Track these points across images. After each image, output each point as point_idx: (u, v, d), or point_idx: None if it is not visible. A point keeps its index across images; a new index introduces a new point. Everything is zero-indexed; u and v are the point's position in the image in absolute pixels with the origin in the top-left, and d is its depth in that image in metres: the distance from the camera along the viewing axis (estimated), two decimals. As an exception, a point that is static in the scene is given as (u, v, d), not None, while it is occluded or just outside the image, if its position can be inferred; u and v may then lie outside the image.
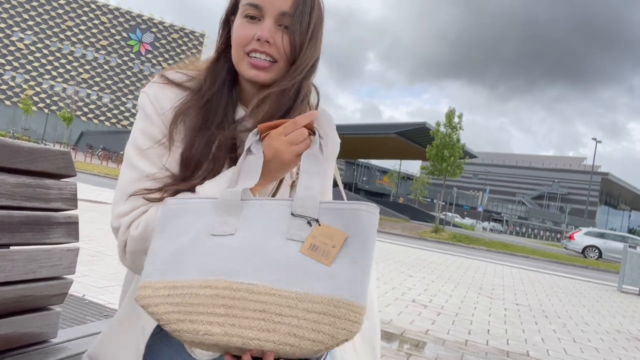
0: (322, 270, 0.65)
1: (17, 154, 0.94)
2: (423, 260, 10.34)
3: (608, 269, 19.51)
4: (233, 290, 0.65)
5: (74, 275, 1.09)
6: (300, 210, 0.70)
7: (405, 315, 4.48)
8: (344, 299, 0.63)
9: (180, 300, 0.67)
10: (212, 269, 0.68)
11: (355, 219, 0.68)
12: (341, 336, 0.62)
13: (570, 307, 6.80)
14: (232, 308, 0.64)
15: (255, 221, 0.71)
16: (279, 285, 0.65)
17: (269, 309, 0.63)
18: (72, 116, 53.01)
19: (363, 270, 0.66)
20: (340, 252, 0.66)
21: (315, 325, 0.62)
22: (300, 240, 0.68)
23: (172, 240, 0.72)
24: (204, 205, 0.75)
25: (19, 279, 0.94)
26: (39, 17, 79.07)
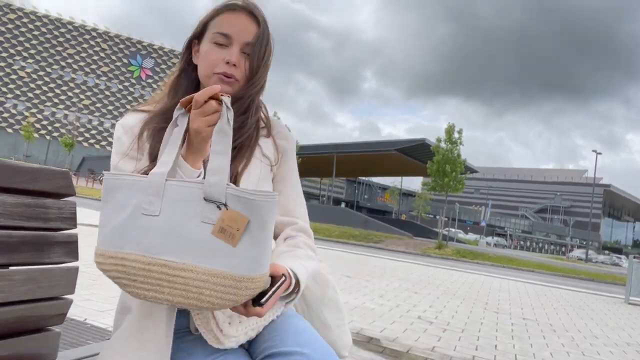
0: (229, 250, 0.79)
1: (16, 174, 0.94)
2: (427, 276, 10.26)
3: (614, 281, 19.32)
4: (159, 265, 0.81)
5: (75, 299, 1.08)
6: (210, 195, 0.81)
7: (410, 333, 4.42)
8: (244, 275, 0.79)
9: (124, 269, 0.83)
10: (144, 245, 0.82)
11: (254, 206, 0.80)
12: (243, 299, 0.80)
13: (578, 320, 6.71)
14: (161, 280, 0.81)
15: (175, 203, 0.83)
16: (195, 262, 0.79)
17: (189, 282, 0.79)
18: (73, 142, 53.37)
19: (261, 248, 0.80)
20: (243, 235, 0.80)
21: (222, 295, 0.79)
22: (211, 223, 0.80)
23: (116, 214, 0.86)
24: (136, 184, 0.86)
25: (18, 300, 0.93)
26: (40, 45, 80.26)
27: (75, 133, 72.77)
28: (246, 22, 1.07)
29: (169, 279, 0.80)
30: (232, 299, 0.79)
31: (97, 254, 0.86)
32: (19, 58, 78.74)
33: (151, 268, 0.81)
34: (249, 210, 0.80)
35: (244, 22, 1.07)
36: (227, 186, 0.81)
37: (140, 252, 0.82)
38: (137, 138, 1.05)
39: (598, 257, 58.80)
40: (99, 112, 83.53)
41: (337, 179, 66.79)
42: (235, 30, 1.05)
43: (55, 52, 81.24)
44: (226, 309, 0.82)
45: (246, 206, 0.80)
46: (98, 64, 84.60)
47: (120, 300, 1.06)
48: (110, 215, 0.86)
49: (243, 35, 1.06)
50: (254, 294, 0.81)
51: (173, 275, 0.79)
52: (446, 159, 25.19)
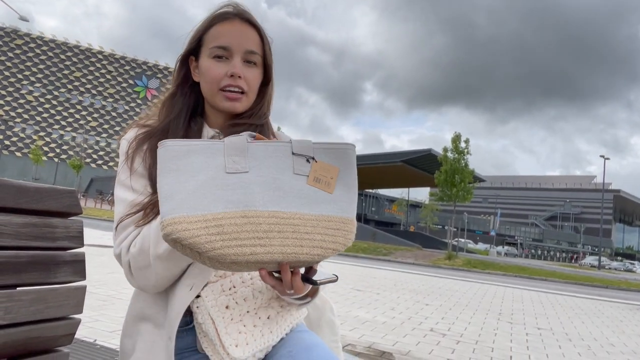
0: (328, 197, 0.82)
1: (23, 194, 0.94)
2: (438, 287, 10.15)
3: (629, 287, 19.02)
4: (267, 217, 0.78)
5: (85, 319, 1.07)
6: (299, 150, 0.83)
7: (423, 345, 4.35)
8: (347, 217, 0.82)
9: (221, 230, 0.76)
10: (240, 201, 0.78)
11: (341, 155, 0.84)
12: (348, 242, 0.82)
13: (594, 329, 6.59)
14: (270, 232, 0.78)
15: (264, 160, 0.82)
16: (301, 210, 0.80)
17: (298, 229, 0.79)
18: (81, 164, 53.79)
19: (353, 193, 0.84)
20: (337, 182, 0.83)
21: (333, 238, 0.80)
22: (304, 174, 0.82)
23: (188, 178, 0.78)
24: (212, 147, 0.81)
25: (26, 320, 0.92)
26: (47, 69, 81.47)
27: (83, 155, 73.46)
28: (243, 29, 1.03)
29: (280, 229, 0.78)
30: (342, 242, 0.80)
31: (175, 222, 0.74)
32: (27, 82, 79.91)
33: (258, 221, 0.77)
34: (337, 159, 0.84)
35: (240, 31, 1.03)
36: (313, 142, 0.84)
37: (240, 207, 0.77)
38: (133, 149, 1.03)
39: (611, 264, 58.07)
40: (106, 133, 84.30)
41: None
42: (233, 41, 1.02)
43: (62, 75, 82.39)
44: (336, 253, 0.82)
45: (334, 156, 0.84)
46: (104, 85, 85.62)
47: (133, 307, 1.04)
48: (180, 180, 0.77)
49: (242, 44, 1.02)
50: (352, 238, 0.83)
51: (283, 224, 0.78)
52: (454, 169, 25.10)
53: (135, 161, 1.02)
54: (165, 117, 1.06)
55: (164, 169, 0.77)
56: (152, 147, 1.02)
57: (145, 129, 1.07)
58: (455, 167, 25.18)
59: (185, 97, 1.08)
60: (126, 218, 0.98)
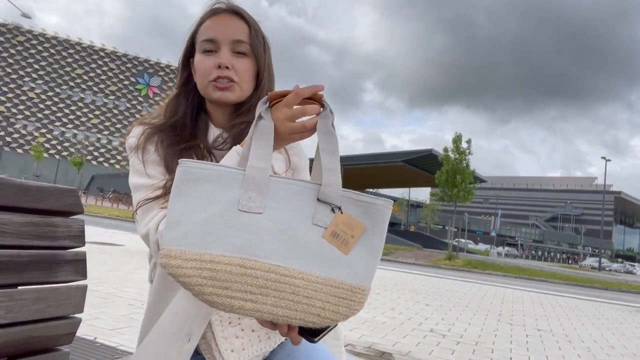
0: (341, 258, 0.72)
1: (24, 193, 0.94)
2: (439, 288, 10.15)
3: (629, 289, 19.00)
4: (266, 272, 0.70)
5: (85, 317, 1.07)
6: (325, 197, 0.73)
7: (423, 346, 4.35)
8: (360, 286, 0.72)
9: (214, 275, 0.70)
10: (244, 246, 0.71)
11: (372, 212, 0.73)
12: (352, 315, 0.72)
13: (594, 331, 6.59)
14: (266, 289, 0.69)
15: (283, 202, 0.73)
16: (305, 269, 0.70)
17: (299, 291, 0.70)
18: (82, 161, 53.87)
19: (376, 258, 0.74)
20: (358, 242, 0.72)
21: (335, 307, 0.70)
22: (323, 226, 0.72)
23: (198, 208, 0.72)
24: (229, 176, 0.74)
25: (27, 320, 0.92)
26: (49, 66, 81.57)
27: (84, 152, 73.51)
28: (230, 21, 1.02)
29: (276, 287, 0.69)
30: (345, 313, 0.71)
31: (171, 255, 0.71)
32: (29, 79, 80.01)
33: (255, 274, 0.69)
34: (367, 216, 0.73)
35: (227, 22, 1.02)
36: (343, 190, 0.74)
37: (241, 254, 0.70)
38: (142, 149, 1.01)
39: (611, 265, 58.05)
40: (107, 130, 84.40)
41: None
42: (219, 32, 1.00)
43: (64, 72, 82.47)
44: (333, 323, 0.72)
45: (365, 211, 0.73)
46: (106, 83, 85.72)
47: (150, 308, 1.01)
48: (190, 209, 0.72)
49: (229, 34, 1.00)
50: (359, 309, 0.73)
51: (281, 282, 0.69)
52: (455, 169, 25.07)
53: (147, 151, 1.01)
54: (170, 117, 1.05)
55: (177, 191, 0.73)
56: (162, 139, 1.01)
57: (150, 126, 1.06)
58: (457, 167, 25.15)
59: (189, 98, 1.07)
60: (147, 202, 0.94)
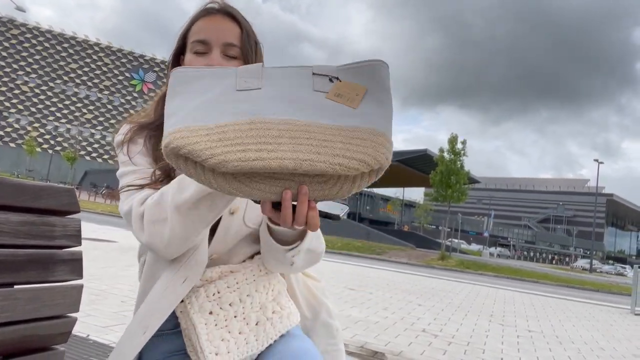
0: (352, 111, 0.68)
1: (21, 192, 0.94)
2: (431, 288, 10.19)
3: (620, 291, 19.16)
4: (276, 124, 0.66)
5: (78, 314, 1.07)
6: (321, 69, 0.71)
7: (415, 346, 4.38)
8: (380, 129, 0.66)
9: (223, 136, 0.66)
10: (249, 110, 0.68)
11: (369, 72, 0.70)
12: (381, 159, 0.65)
13: (584, 332, 6.65)
14: (280, 137, 0.65)
15: (279, 79, 0.71)
16: (317, 120, 0.67)
17: (315, 136, 0.65)
18: (76, 156, 53.53)
19: (387, 109, 0.69)
20: (364, 98, 0.69)
21: (360, 148, 0.64)
22: (325, 91, 0.70)
23: (195, 97, 0.71)
24: (223, 72, 0.73)
25: (23, 319, 0.92)
26: (43, 60, 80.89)
27: (78, 147, 73.04)
28: (223, 23, 1.01)
29: (292, 135, 0.65)
30: (372, 154, 0.64)
31: (176, 132, 0.67)
32: (22, 73, 79.33)
33: (267, 127, 0.66)
34: (365, 77, 0.70)
35: (220, 24, 1.01)
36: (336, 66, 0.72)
37: (247, 116, 0.67)
38: (129, 142, 1.03)
39: (602, 267, 58.48)
40: (101, 125, 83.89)
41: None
42: (212, 34, 1.00)
43: (58, 66, 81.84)
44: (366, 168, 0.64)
45: (361, 74, 0.70)
46: (100, 78, 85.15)
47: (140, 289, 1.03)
48: (187, 100, 0.71)
49: (221, 37, 1.00)
50: (387, 158, 0.66)
51: (295, 130, 0.66)
52: (450, 170, 25.15)
53: (134, 144, 1.02)
54: (160, 116, 1.05)
55: (172, 93, 0.72)
56: (150, 135, 1.02)
57: (138, 124, 1.07)
58: (451, 168, 25.23)
59: None
60: (131, 188, 0.95)
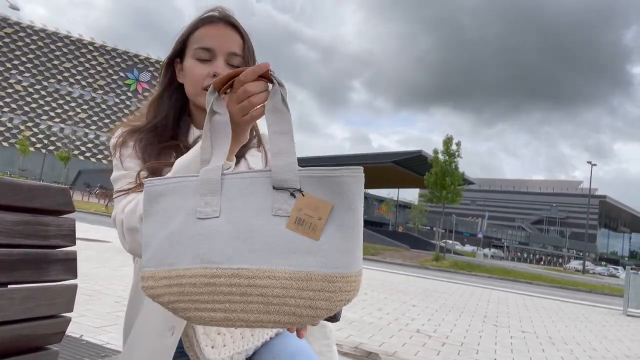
0: (311, 245, 0.64)
1: (16, 191, 0.94)
2: (425, 289, 10.22)
3: (612, 292, 19.29)
4: (229, 277, 0.65)
5: (71, 314, 1.07)
6: (280, 182, 0.66)
7: (409, 347, 4.39)
8: (337, 273, 0.62)
9: (182, 290, 0.68)
10: (205, 255, 0.67)
11: (337, 185, 0.65)
12: (338, 306, 0.63)
13: (577, 333, 6.69)
14: (231, 295, 0.65)
15: (238, 199, 0.69)
16: (271, 266, 0.64)
17: (267, 292, 0.63)
18: (69, 155, 53.26)
19: (353, 237, 0.64)
20: (328, 222, 0.64)
21: (312, 303, 0.62)
22: (285, 215, 0.65)
23: (162, 226, 0.72)
24: (186, 185, 0.73)
25: (16, 319, 0.92)
26: (37, 59, 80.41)
27: (71, 146, 72.65)
28: (227, 32, 1.03)
29: (242, 292, 0.64)
30: (324, 307, 0.63)
31: (146, 277, 0.72)
32: (16, 72, 78.84)
33: (217, 281, 0.66)
34: (332, 192, 0.65)
35: (224, 33, 1.03)
36: (299, 169, 0.67)
37: (202, 264, 0.67)
38: (121, 145, 1.04)
39: (595, 269, 58.83)
40: (95, 125, 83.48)
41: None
42: (217, 43, 1.02)
43: (52, 65, 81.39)
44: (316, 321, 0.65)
45: (328, 187, 0.65)
46: (95, 77, 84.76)
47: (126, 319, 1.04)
48: (156, 228, 0.73)
49: (226, 46, 1.02)
50: (349, 299, 0.64)
51: (246, 286, 0.64)
52: (444, 171, 25.22)
53: (126, 147, 1.04)
54: (152, 118, 1.07)
55: (145, 214, 0.76)
56: (141, 138, 1.03)
57: (132, 127, 1.08)
58: (446, 169, 25.31)
59: (171, 99, 1.08)
60: (119, 194, 0.98)
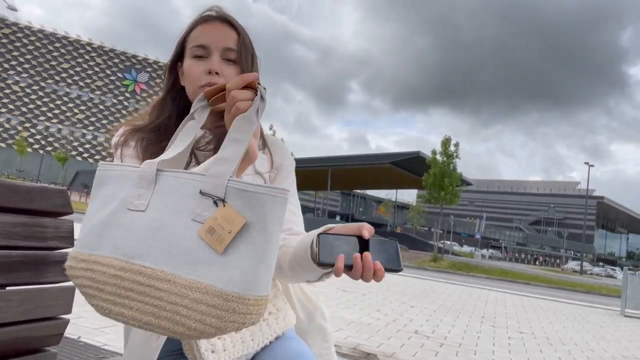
0: (216, 258, 0.64)
1: (14, 193, 0.94)
2: (424, 290, 10.22)
3: (610, 293, 19.33)
4: (132, 272, 0.67)
5: (69, 316, 1.07)
6: (209, 188, 0.67)
7: (408, 347, 4.39)
8: (233, 293, 0.62)
9: (93, 276, 0.70)
10: (123, 247, 0.69)
11: (258, 204, 0.65)
12: (228, 329, 0.62)
13: (575, 334, 6.70)
14: (131, 292, 0.66)
15: (166, 197, 0.70)
16: (174, 271, 0.65)
17: (163, 296, 0.64)
18: (67, 156, 53.15)
19: (260, 260, 0.64)
20: (238, 239, 0.64)
21: (202, 317, 0.62)
22: (202, 222, 0.66)
23: (98, 210, 0.75)
24: (127, 175, 0.75)
25: (15, 320, 0.92)
26: (35, 59, 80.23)
27: (69, 147, 72.50)
28: (222, 29, 1.04)
29: (141, 290, 0.66)
30: (214, 325, 0.62)
31: (70, 257, 0.75)
32: (13, 72, 78.64)
33: (123, 275, 0.67)
34: (250, 208, 0.65)
35: (219, 30, 1.03)
36: (230, 178, 0.67)
37: (116, 254, 0.69)
38: (122, 145, 1.04)
39: (593, 269, 58.94)
40: (92, 126, 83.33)
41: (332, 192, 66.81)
42: (211, 39, 1.02)
43: (50, 66, 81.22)
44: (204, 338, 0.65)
45: (248, 203, 0.65)
46: (92, 78, 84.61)
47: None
48: (93, 212, 0.75)
49: (221, 42, 1.02)
50: (243, 322, 0.63)
51: (146, 285, 0.65)
52: (443, 172, 25.25)
53: (127, 146, 1.04)
54: (156, 119, 1.07)
55: (91, 194, 0.79)
56: (143, 138, 1.03)
57: (132, 127, 1.08)
58: (445, 170, 25.33)
59: (175, 101, 1.08)
60: None
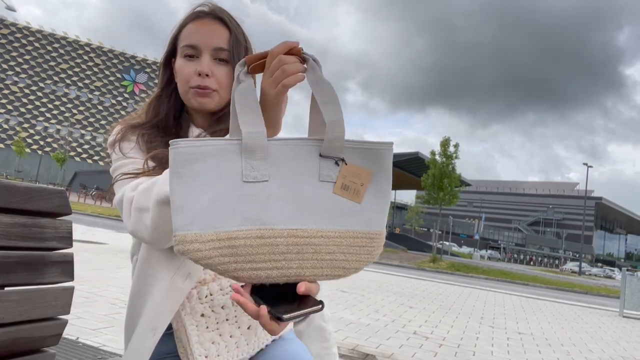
0: (355, 208, 0.73)
1: (13, 193, 0.93)
2: (422, 290, 10.23)
3: (608, 294, 19.35)
4: (285, 237, 0.70)
5: (68, 316, 1.07)
6: (328, 151, 0.72)
7: (407, 348, 4.39)
8: (375, 231, 0.74)
9: (235, 251, 0.69)
10: (257, 217, 0.70)
11: (376, 156, 0.74)
12: (373, 259, 0.75)
13: (573, 334, 6.70)
14: (288, 254, 0.70)
15: (285, 165, 0.72)
16: (323, 227, 0.71)
17: (321, 249, 0.71)
18: (65, 157, 53.07)
19: (386, 202, 0.76)
20: (368, 188, 0.74)
21: (357, 257, 0.73)
22: (331, 181, 0.72)
23: (201, 190, 0.69)
24: (227, 149, 0.70)
25: (13, 321, 0.92)
26: (33, 60, 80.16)
27: (68, 148, 72.43)
28: (213, 27, 1.01)
29: (298, 250, 0.70)
30: (366, 259, 0.74)
31: (187, 240, 0.68)
32: (12, 73, 78.56)
33: (275, 242, 0.69)
34: (370, 162, 0.74)
35: (210, 28, 1.01)
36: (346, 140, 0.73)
37: (256, 225, 0.69)
38: (121, 140, 1.02)
39: (591, 270, 59.02)
40: (91, 126, 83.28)
41: (330, 193, 66.47)
42: (201, 39, 1.00)
43: (48, 66, 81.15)
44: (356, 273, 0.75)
45: (367, 158, 0.74)
46: (91, 78, 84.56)
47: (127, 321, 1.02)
48: (194, 191, 0.69)
49: (211, 41, 1.00)
50: (379, 251, 0.76)
51: (302, 244, 0.70)
52: (442, 173, 25.25)
53: (127, 141, 1.03)
54: (153, 117, 1.06)
55: (175, 174, 0.69)
56: (143, 134, 1.02)
57: (130, 125, 1.06)
58: (444, 171, 25.34)
59: (170, 98, 1.07)
60: (124, 177, 0.96)
